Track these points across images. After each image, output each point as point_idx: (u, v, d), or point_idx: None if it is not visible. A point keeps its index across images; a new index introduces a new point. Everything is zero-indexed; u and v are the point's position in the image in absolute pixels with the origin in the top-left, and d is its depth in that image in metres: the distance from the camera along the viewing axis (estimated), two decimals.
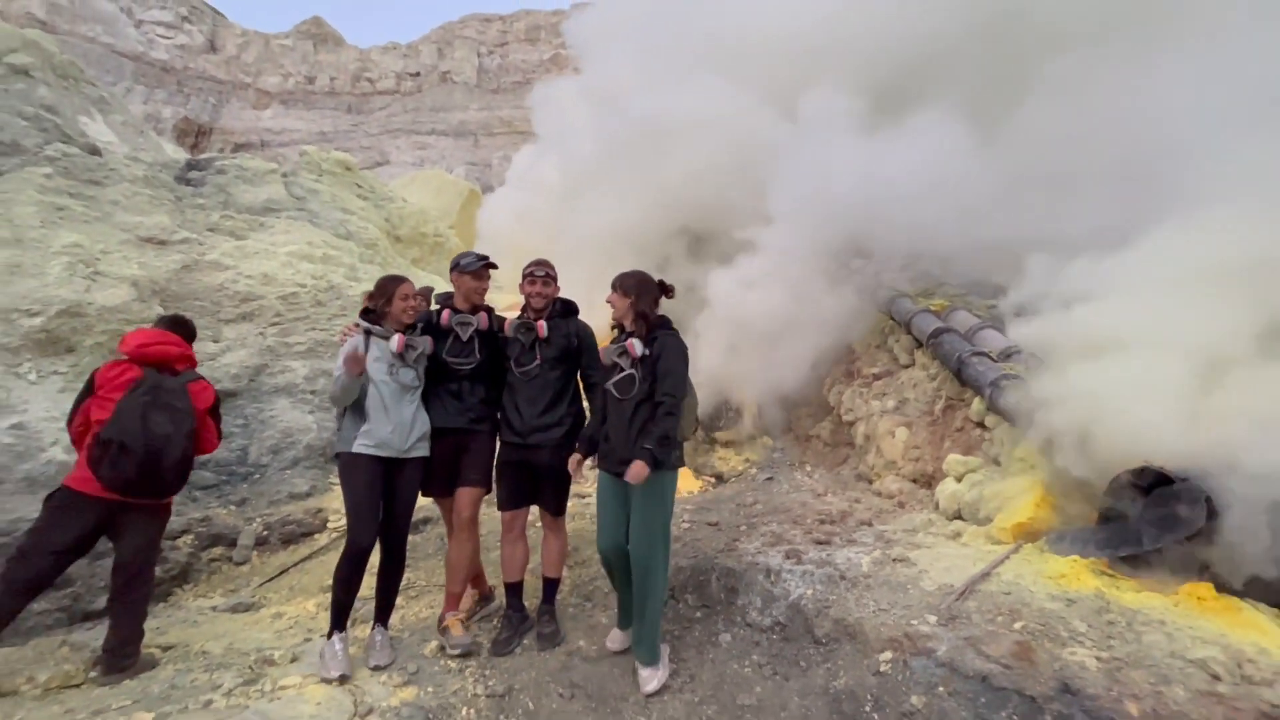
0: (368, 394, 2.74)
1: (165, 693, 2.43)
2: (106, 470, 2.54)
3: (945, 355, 4.55)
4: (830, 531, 3.58)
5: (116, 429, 2.56)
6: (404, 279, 2.90)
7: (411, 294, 2.87)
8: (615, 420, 2.67)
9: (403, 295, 2.84)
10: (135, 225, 5.66)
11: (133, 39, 49.00)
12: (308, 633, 3.08)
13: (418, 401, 2.85)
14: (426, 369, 2.91)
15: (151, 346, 2.79)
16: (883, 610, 2.50)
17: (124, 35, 48.84)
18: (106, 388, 2.67)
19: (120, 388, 2.65)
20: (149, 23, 51.73)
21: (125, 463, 2.55)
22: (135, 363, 2.74)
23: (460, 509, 2.91)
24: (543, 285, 2.97)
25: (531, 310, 3.00)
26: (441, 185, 21.46)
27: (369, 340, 2.80)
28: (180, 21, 53.31)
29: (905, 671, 2.20)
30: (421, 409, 2.86)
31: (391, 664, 2.65)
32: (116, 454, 2.54)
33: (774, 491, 4.82)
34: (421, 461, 2.85)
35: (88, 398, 2.71)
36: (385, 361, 2.78)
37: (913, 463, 4.40)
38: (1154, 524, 2.37)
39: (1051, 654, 2.06)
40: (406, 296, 2.85)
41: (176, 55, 50.74)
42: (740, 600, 2.92)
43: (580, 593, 3.32)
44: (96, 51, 45.02)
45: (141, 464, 2.57)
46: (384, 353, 2.79)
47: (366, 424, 2.71)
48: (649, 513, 2.59)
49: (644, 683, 2.55)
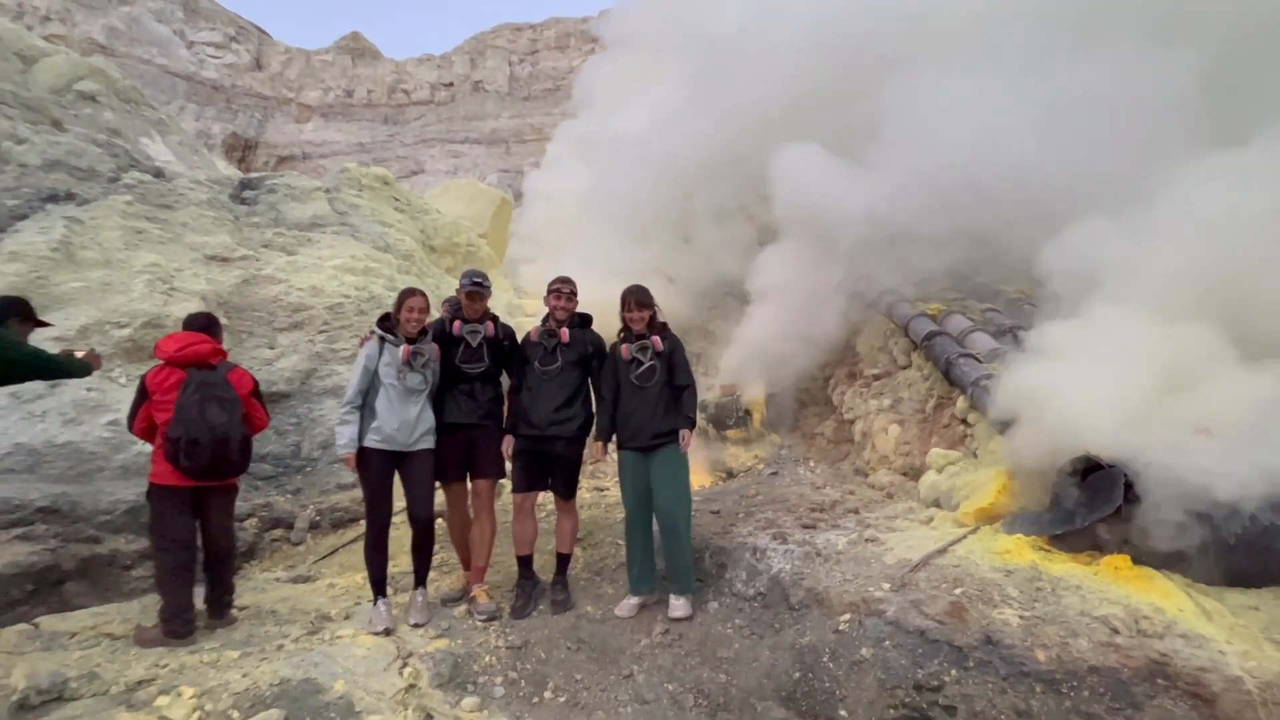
0: (379, 394, 3.13)
1: (245, 639, 2.95)
2: (185, 462, 3.03)
3: (936, 357, 4.85)
4: (818, 518, 3.94)
5: (183, 427, 3.01)
6: (414, 293, 3.23)
7: (417, 307, 3.19)
8: (638, 406, 3.28)
9: (408, 308, 3.17)
10: (202, 245, 6.33)
11: (185, 59, 51.58)
12: (357, 599, 3.59)
13: (423, 402, 3.22)
14: (442, 371, 3.32)
15: (186, 349, 3.18)
16: (847, 580, 2.86)
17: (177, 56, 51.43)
18: (160, 391, 3.09)
19: (172, 390, 3.07)
20: (199, 44, 54.34)
21: (199, 453, 3.04)
22: (175, 365, 3.15)
23: (479, 494, 3.41)
24: (567, 300, 3.45)
25: (554, 320, 3.46)
26: (474, 194, 22.15)
27: (383, 346, 3.17)
28: (228, 41, 55.86)
29: (859, 629, 2.58)
30: (427, 408, 3.23)
31: (428, 622, 3.13)
32: (189, 447, 3.02)
33: (776, 485, 5.18)
34: (428, 453, 3.24)
35: (144, 402, 3.12)
36: (395, 366, 3.13)
37: (903, 457, 4.72)
38: (1085, 504, 2.69)
39: (981, 613, 2.41)
40: (411, 310, 3.18)
41: (225, 74, 53.20)
42: (729, 574, 3.32)
43: (591, 569, 3.76)
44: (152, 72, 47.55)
45: (213, 452, 3.08)
46: (394, 358, 3.15)
47: (376, 421, 3.11)
48: (678, 475, 3.27)
49: (674, 609, 3.14)
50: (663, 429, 3.24)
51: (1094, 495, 2.67)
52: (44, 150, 7.51)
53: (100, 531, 3.81)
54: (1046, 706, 2.10)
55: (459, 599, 3.42)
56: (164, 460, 3.07)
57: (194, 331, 3.35)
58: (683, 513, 3.25)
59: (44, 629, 2.94)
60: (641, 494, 3.30)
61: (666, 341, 3.30)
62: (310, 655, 2.63)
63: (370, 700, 2.31)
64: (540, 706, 2.55)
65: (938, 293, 6.14)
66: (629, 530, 3.36)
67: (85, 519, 3.79)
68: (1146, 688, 2.05)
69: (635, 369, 3.26)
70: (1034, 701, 2.12)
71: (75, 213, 5.66)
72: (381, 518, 3.13)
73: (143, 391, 3.15)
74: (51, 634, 2.89)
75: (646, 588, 3.31)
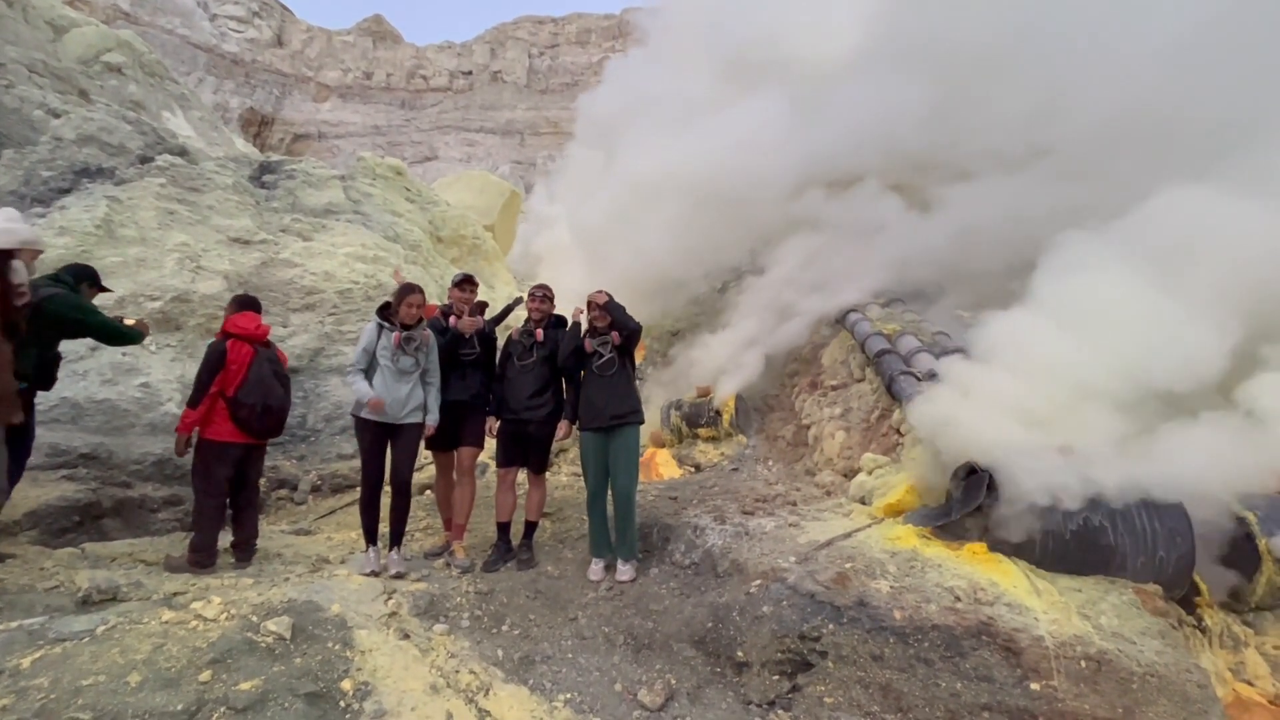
0: (376, 373, 3.63)
1: (257, 572, 3.52)
2: (257, 424, 3.64)
3: (883, 372, 5.39)
4: (758, 506, 4.49)
5: (259, 395, 3.61)
6: (414, 289, 3.70)
7: (416, 303, 3.67)
8: (598, 392, 3.79)
9: (408, 303, 3.65)
10: (226, 228, 6.89)
11: (207, 32, 52.12)
12: (350, 550, 4.15)
13: (414, 381, 3.68)
14: (442, 357, 3.85)
15: (259, 329, 3.78)
16: (765, 555, 3.41)
17: (199, 28, 51.98)
18: (237, 364, 3.61)
19: (244, 362, 3.62)
20: (222, 17, 54.87)
21: (269, 418, 3.69)
22: (248, 341, 3.71)
23: (462, 461, 3.99)
24: (541, 303, 4.02)
25: (533, 321, 4.01)
26: (484, 185, 22.60)
27: (381, 332, 3.64)
28: (251, 16, 56.38)
29: (765, 591, 3.13)
30: (417, 387, 3.70)
31: (407, 574, 3.64)
32: (264, 413, 3.65)
33: (734, 479, 5.73)
34: (416, 426, 3.73)
35: (221, 370, 3.59)
36: (389, 349, 3.60)
37: (845, 460, 5.26)
38: (959, 501, 3.24)
39: (862, 583, 2.96)
40: (411, 305, 3.66)
41: (246, 48, 53.75)
42: (670, 547, 3.87)
43: (557, 538, 4.32)
44: (173, 43, 48.11)
45: (272, 417, 3.70)
46: (390, 343, 3.62)
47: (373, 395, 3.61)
48: (630, 457, 3.81)
49: (621, 573, 3.69)
50: (620, 410, 3.77)
51: (967, 494, 3.22)
52: (78, 125, 8.08)
53: (131, 478, 4.38)
54: (895, 653, 2.65)
55: (439, 554, 4.00)
56: (228, 420, 3.60)
57: (254, 312, 3.89)
58: (631, 487, 3.80)
59: (89, 553, 3.51)
60: (602, 472, 3.83)
61: (625, 337, 3.83)
62: (312, 585, 3.18)
63: (360, 619, 2.86)
64: (497, 635, 3.11)
65: (898, 314, 6.70)
66: (592, 503, 3.87)
67: (119, 466, 4.36)
68: (973, 642, 2.60)
69: (596, 360, 3.80)
70: (887, 650, 2.67)
71: (115, 192, 6.22)
72: (373, 479, 3.67)
73: (221, 361, 3.59)
74: (96, 557, 3.46)
75: (608, 551, 3.86)
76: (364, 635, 2.72)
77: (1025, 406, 3.30)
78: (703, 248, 8.41)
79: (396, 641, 2.77)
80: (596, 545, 3.86)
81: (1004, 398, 3.39)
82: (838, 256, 7.38)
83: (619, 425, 3.77)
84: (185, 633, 2.43)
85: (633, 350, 3.93)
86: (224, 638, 2.42)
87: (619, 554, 3.79)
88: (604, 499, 3.87)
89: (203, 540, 3.49)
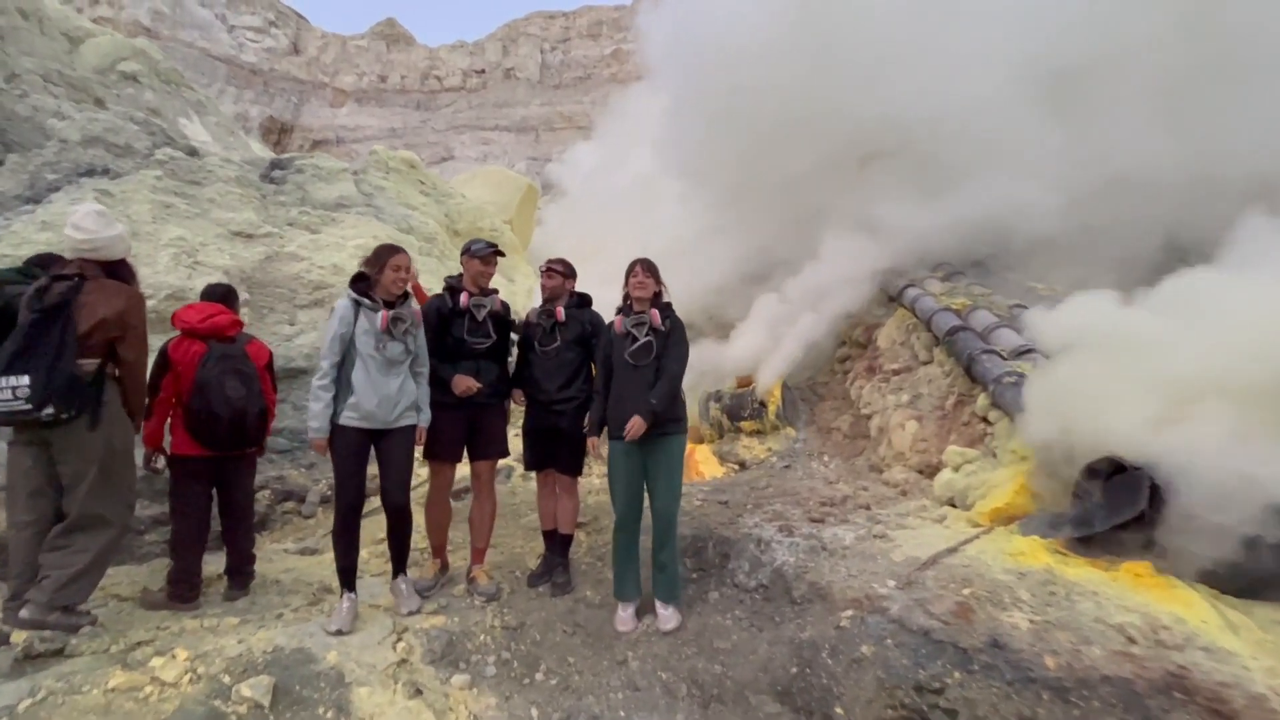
0: (355, 366, 2.81)
1: (248, 606, 2.99)
2: (205, 435, 3.08)
3: (958, 352, 4.70)
4: (827, 512, 3.85)
5: (202, 400, 3.03)
6: (400, 249, 2.95)
7: (405, 265, 2.90)
8: (629, 388, 2.96)
9: (395, 265, 2.86)
10: (228, 221, 6.43)
11: (225, 43, 52.75)
12: (359, 573, 3.61)
13: (404, 373, 2.92)
14: (445, 347, 3.17)
15: (207, 320, 3.19)
16: (852, 576, 2.78)
17: (218, 40, 52.64)
18: (182, 363, 3.09)
19: (193, 361, 3.08)
20: (240, 28, 55.53)
21: (216, 427, 3.07)
22: (196, 336, 3.15)
23: (480, 475, 3.35)
24: (560, 279, 3.41)
25: (548, 300, 3.42)
26: (501, 181, 22.23)
27: (358, 311, 2.83)
28: (267, 26, 56.95)
29: (861, 626, 2.49)
30: (409, 380, 2.94)
31: (420, 609, 2.95)
32: (209, 421, 3.05)
33: (788, 478, 5.09)
34: (409, 430, 2.96)
35: (166, 373, 3.10)
36: (373, 335, 2.80)
37: (920, 454, 4.58)
38: (1106, 508, 2.56)
39: (989, 615, 2.31)
40: (399, 268, 2.87)
41: (264, 58, 54.29)
42: (731, 565, 3.25)
43: (594, 553, 3.72)
44: (193, 55, 48.71)
45: (230, 425, 3.10)
46: (372, 325, 2.81)
47: (353, 396, 2.79)
48: (673, 472, 2.99)
49: (663, 621, 2.92)
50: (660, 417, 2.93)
51: (1116, 499, 2.54)
52: (84, 126, 7.70)
53: None
54: (1054, 715, 2.00)
55: (431, 588, 3.27)
56: (183, 431, 3.10)
57: (212, 302, 3.36)
58: (673, 511, 2.98)
59: None
60: (635, 491, 3.01)
61: (668, 320, 3.01)
62: (307, 626, 2.64)
63: (361, 672, 2.31)
64: (531, 688, 2.53)
65: (964, 288, 5.98)
66: (622, 530, 3.04)
67: None
68: (1162, 701, 1.93)
69: (629, 345, 2.98)
70: (1040, 709, 2.02)
71: (107, 185, 5.78)
72: (353, 499, 2.86)
73: (164, 362, 3.13)
74: None
75: (636, 592, 3.05)
76: (365, 694, 2.17)
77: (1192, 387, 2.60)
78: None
79: (405, 702, 2.21)
80: (623, 585, 3.04)
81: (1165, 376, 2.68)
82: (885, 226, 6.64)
83: (659, 434, 2.94)
84: (133, 705, 1.89)
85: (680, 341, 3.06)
86: (182, 711, 1.88)
87: (658, 595, 2.99)
88: (635, 526, 3.05)
89: (181, 570, 2.98)
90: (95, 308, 2.60)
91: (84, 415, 2.55)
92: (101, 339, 2.61)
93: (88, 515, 2.56)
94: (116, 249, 2.79)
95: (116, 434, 2.65)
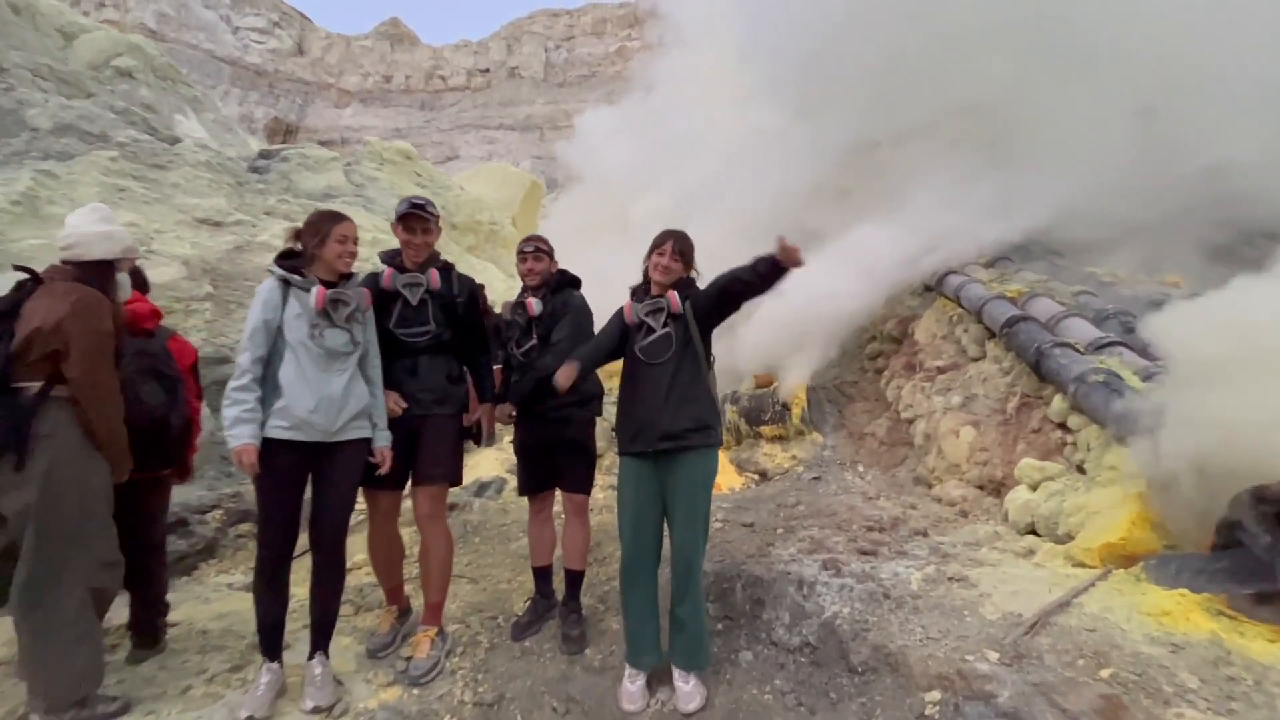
0: (284, 361, 2.17)
1: (152, 674, 2.34)
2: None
3: (1022, 346, 4.01)
4: (878, 540, 3.17)
5: None
6: (346, 217, 2.34)
7: (353, 236, 2.29)
8: (644, 390, 2.29)
9: (341, 236, 2.25)
10: (193, 207, 5.83)
11: (230, 45, 52.65)
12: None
13: (351, 369, 2.27)
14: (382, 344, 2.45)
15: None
16: (932, 640, 2.10)
17: (223, 41, 52.55)
18: None
19: None
20: (245, 29, 55.47)
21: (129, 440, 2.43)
22: None
23: (422, 506, 2.51)
24: (534, 261, 2.72)
25: (528, 289, 2.75)
26: (505, 177, 21.84)
27: (288, 293, 2.21)
28: (272, 27, 56.88)
29: (954, 716, 1.82)
30: (357, 380, 2.30)
31: (335, 705, 2.16)
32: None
33: (820, 492, 4.40)
34: (360, 446, 2.30)
35: None
36: (307, 320, 2.18)
37: (979, 466, 3.89)
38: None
39: (1150, 714, 1.63)
40: (345, 239, 2.26)
41: (268, 59, 54.18)
42: (766, 614, 2.57)
43: (595, 593, 3.05)
44: (199, 57, 48.63)
45: (145, 439, 2.46)
46: (305, 308, 2.19)
47: (281, 400, 2.14)
48: (699, 498, 2.28)
49: (683, 699, 2.20)
50: (681, 426, 2.23)
51: None
52: (55, 114, 7.14)
53: None
54: None
55: (389, 645, 2.55)
56: None
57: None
58: (697, 551, 2.29)
59: None
60: (647, 523, 2.31)
61: (687, 299, 2.32)
62: (213, 710, 1.99)
63: None
64: None
65: (1013, 274, 5.28)
66: (630, 575, 2.32)
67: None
68: None
69: (643, 337, 2.32)
70: None
71: (50, 166, 5.19)
72: (281, 539, 2.20)
73: None
74: None
75: (653, 657, 2.31)
76: None
77: None
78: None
79: None
80: (635, 645, 2.31)
81: None
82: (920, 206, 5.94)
83: (680, 449, 2.26)
84: None
85: (708, 326, 2.38)
86: None
87: (677, 661, 2.27)
88: (650, 569, 2.34)
89: None
90: (32, 316, 2.07)
91: (7, 452, 1.99)
92: (40, 354, 2.05)
93: (36, 580, 2.01)
94: (95, 247, 2.27)
95: (64, 473, 2.06)
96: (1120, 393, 3.11)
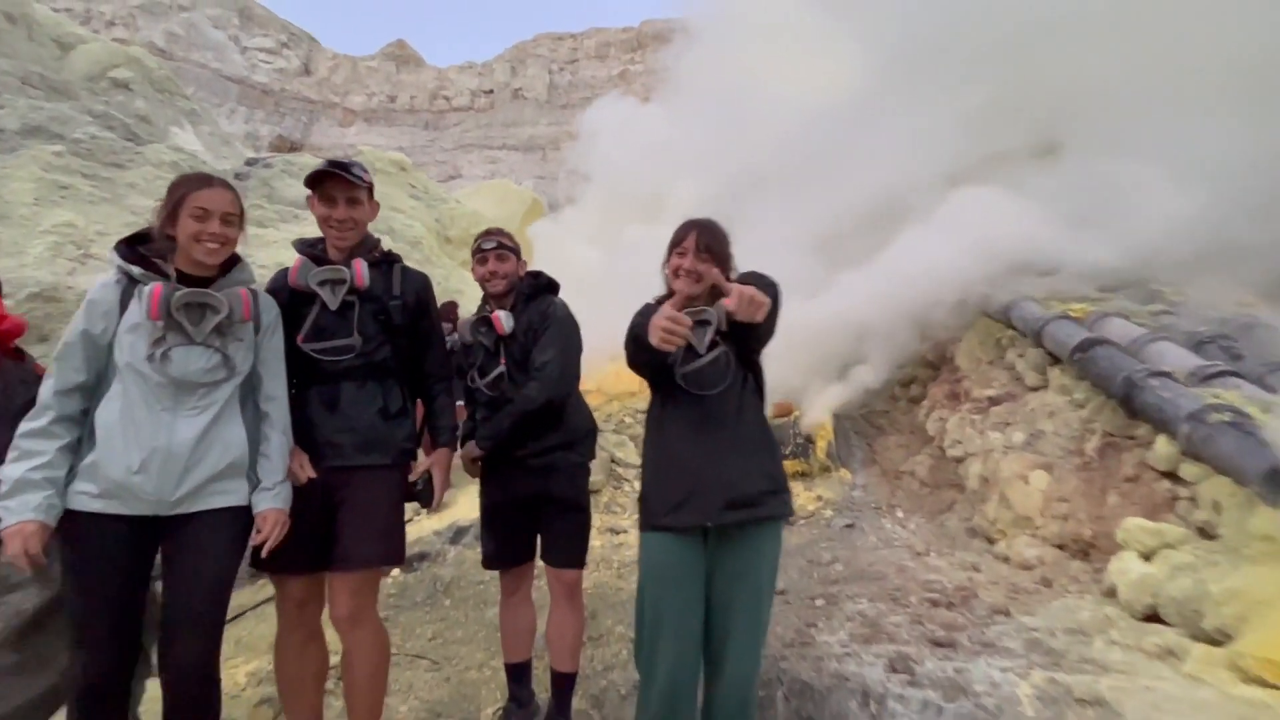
0: (108, 394, 1.46)
1: None
2: None
3: (1103, 375, 3.35)
4: (950, 623, 2.48)
5: None
6: (213, 180, 1.57)
7: (219, 210, 1.51)
8: (697, 434, 1.58)
9: (196, 210, 1.49)
10: (144, 209, 5.23)
11: (238, 64, 53.02)
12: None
13: (218, 409, 1.52)
14: (294, 366, 1.74)
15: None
16: None
17: (231, 61, 52.94)
18: None
19: None
20: (253, 49, 55.99)
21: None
22: None
23: (336, 606, 1.70)
24: (496, 261, 2.03)
25: (491, 299, 2.09)
26: (506, 194, 21.63)
27: (133, 290, 1.51)
28: (279, 47, 57.40)
29: None
30: (232, 424, 1.55)
31: None
32: None
33: (858, 545, 3.71)
34: (223, 517, 1.52)
35: None
36: (145, 333, 1.47)
37: (1059, 520, 3.20)
38: None
39: None
40: (205, 214, 1.50)
41: (275, 78, 54.55)
42: None
43: (587, 691, 2.35)
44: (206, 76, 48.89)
45: None
46: (142, 313, 1.48)
47: (92, 454, 1.43)
48: (765, 597, 1.58)
49: None
50: (756, 487, 1.55)
51: None
52: (24, 115, 6.61)
53: None
54: None
55: None
56: None
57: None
58: (755, 676, 1.61)
59: None
60: (692, 633, 1.55)
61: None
62: None
63: None
64: None
65: (1069, 290, 4.63)
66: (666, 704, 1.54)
67: None
68: None
69: (684, 363, 1.58)
70: None
71: None
72: (101, 663, 1.42)
73: None
74: None
75: None
76: None
77: None
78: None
79: None
80: None
81: None
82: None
83: (749, 521, 1.55)
84: None
85: (757, 346, 1.65)
86: None
87: None
88: (692, 701, 1.57)
89: None
90: None
91: None
92: None
93: None
94: None
95: None
96: (1255, 436, 2.45)
